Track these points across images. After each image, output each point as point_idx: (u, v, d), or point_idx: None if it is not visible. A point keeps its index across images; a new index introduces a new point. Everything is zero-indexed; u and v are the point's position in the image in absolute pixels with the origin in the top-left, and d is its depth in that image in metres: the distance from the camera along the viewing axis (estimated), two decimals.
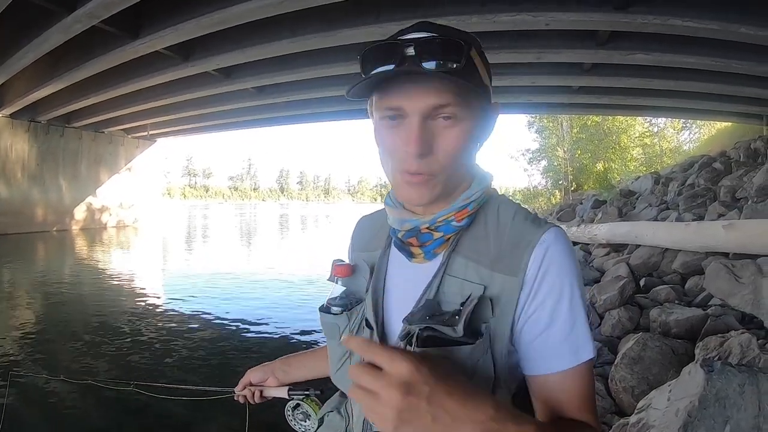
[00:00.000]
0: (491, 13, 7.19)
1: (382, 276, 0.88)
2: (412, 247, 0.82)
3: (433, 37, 0.72)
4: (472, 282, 0.76)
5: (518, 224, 0.78)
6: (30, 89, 13.23)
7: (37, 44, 9.27)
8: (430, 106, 0.72)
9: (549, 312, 0.73)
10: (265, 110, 16.28)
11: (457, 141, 0.74)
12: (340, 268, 0.91)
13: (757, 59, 8.04)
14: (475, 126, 0.77)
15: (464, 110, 0.73)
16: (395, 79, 0.72)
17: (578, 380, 0.74)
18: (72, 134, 20.24)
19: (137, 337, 6.04)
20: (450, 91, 0.72)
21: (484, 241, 0.79)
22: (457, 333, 0.70)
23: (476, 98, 0.75)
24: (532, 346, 0.75)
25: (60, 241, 18.34)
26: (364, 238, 0.98)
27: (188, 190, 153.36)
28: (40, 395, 4.12)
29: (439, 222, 0.79)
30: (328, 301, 0.91)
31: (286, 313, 7.45)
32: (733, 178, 8.42)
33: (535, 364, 0.75)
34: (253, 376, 1.21)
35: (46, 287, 9.28)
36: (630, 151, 22.85)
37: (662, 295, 4.70)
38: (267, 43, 9.06)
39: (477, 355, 0.71)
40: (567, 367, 0.73)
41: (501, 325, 0.74)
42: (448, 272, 0.78)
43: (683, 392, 2.08)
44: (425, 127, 0.73)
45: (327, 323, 0.90)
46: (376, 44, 0.75)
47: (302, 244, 21.35)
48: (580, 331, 0.74)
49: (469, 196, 0.80)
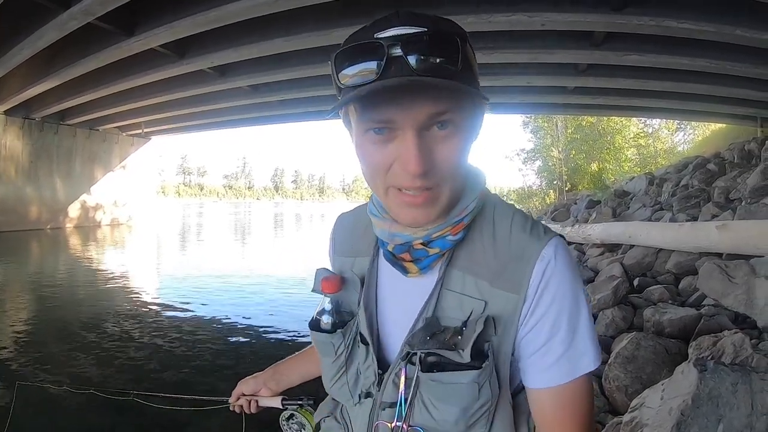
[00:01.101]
0: (487, 12, 7.21)
1: (374, 288, 0.84)
2: (405, 262, 0.77)
3: (421, 33, 0.61)
4: (471, 297, 0.73)
5: (517, 236, 0.74)
6: (25, 86, 13.16)
7: (32, 41, 9.23)
8: (426, 117, 0.63)
9: (549, 327, 0.71)
10: (260, 108, 16.25)
11: (457, 150, 0.67)
12: (327, 284, 0.83)
13: (751, 61, 8.09)
14: (471, 129, 0.70)
15: (460, 114, 0.66)
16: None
17: (573, 396, 0.72)
18: (66, 132, 20.13)
19: (133, 340, 6.00)
20: (448, 98, 0.63)
21: (480, 253, 0.75)
22: (464, 359, 0.69)
23: (471, 100, 0.69)
24: (531, 361, 0.73)
25: (54, 239, 18.24)
26: (347, 240, 0.92)
27: (183, 189, 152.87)
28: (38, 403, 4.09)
29: (433, 238, 0.74)
30: (317, 314, 0.85)
31: (283, 313, 7.42)
32: (727, 179, 8.46)
33: (532, 378, 0.74)
34: (245, 388, 1.18)
35: (41, 286, 9.23)
36: (624, 152, 22.93)
37: (656, 295, 4.72)
38: (261, 42, 9.05)
39: (484, 378, 0.70)
40: (562, 382, 0.71)
41: (504, 343, 0.73)
42: (446, 287, 0.75)
43: (676, 391, 2.09)
44: (422, 141, 0.64)
45: (320, 342, 0.84)
46: (352, 44, 0.64)
47: (298, 243, 21.35)
48: (580, 344, 0.71)
49: (465, 206, 0.75)
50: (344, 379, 0.83)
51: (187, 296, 8.40)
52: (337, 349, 0.82)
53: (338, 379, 0.83)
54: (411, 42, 0.61)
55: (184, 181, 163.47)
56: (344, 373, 0.83)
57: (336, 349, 0.82)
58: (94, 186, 22.47)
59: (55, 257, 13.89)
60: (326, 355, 0.84)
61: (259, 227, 31.27)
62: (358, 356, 0.81)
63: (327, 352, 0.84)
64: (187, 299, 8.15)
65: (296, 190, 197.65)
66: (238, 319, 7.00)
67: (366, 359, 0.80)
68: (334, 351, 0.82)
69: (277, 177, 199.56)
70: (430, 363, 0.71)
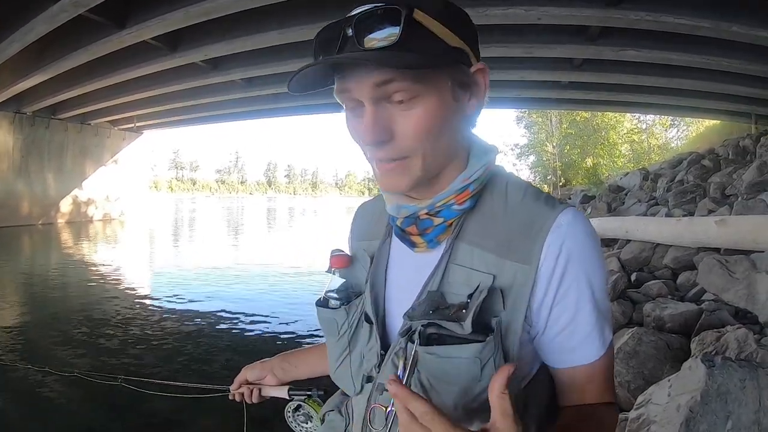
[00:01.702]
0: (483, 6, 7.14)
1: (383, 267, 0.82)
2: (412, 236, 0.75)
3: (373, 9, 0.64)
4: (479, 271, 0.69)
5: (529, 204, 0.71)
6: (15, 80, 12.99)
7: (22, 34, 9.07)
8: (374, 89, 0.65)
9: (573, 305, 0.69)
10: (253, 102, 16.16)
11: (420, 122, 0.66)
12: (336, 259, 0.85)
13: (747, 58, 8.11)
14: (445, 99, 0.68)
15: (422, 85, 0.65)
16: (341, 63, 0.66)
17: (603, 367, 0.73)
18: (57, 126, 19.93)
19: (126, 333, 5.95)
20: (391, 68, 0.64)
21: (491, 224, 0.72)
22: (465, 330, 0.64)
23: (438, 67, 0.66)
24: (557, 341, 0.71)
25: (45, 234, 18.12)
26: (364, 226, 0.92)
27: (175, 183, 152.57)
28: (26, 388, 4.05)
29: (438, 206, 0.72)
30: (326, 293, 0.85)
31: (279, 307, 7.38)
32: (723, 175, 8.50)
33: (560, 357, 0.72)
34: (250, 374, 1.14)
35: (32, 281, 9.14)
36: (618, 147, 23.05)
37: (654, 290, 4.70)
38: (255, 34, 8.96)
39: (487, 354, 0.64)
40: (595, 358, 0.71)
41: (513, 319, 0.68)
42: (453, 261, 0.72)
43: (684, 387, 2.07)
44: (380, 112, 0.67)
45: (324, 318, 0.84)
46: (325, 26, 0.68)
47: (292, 236, 21.31)
48: (605, 319, 0.71)
49: (469, 175, 0.73)
50: (348, 361, 0.81)
51: (180, 290, 8.33)
52: (340, 327, 0.81)
53: (342, 361, 0.82)
54: (360, 20, 0.64)
55: (177, 175, 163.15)
56: (348, 355, 0.81)
57: (339, 327, 0.82)
58: (86, 181, 22.29)
59: (47, 253, 13.78)
60: (330, 334, 0.84)
61: (252, 222, 31.20)
62: (362, 336, 0.79)
63: (331, 331, 0.83)
64: (181, 293, 8.09)
65: (289, 185, 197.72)
66: (233, 311, 6.97)
67: (369, 339, 0.78)
68: (338, 329, 0.82)
69: (270, 172, 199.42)
70: (429, 336, 0.66)
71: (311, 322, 6.40)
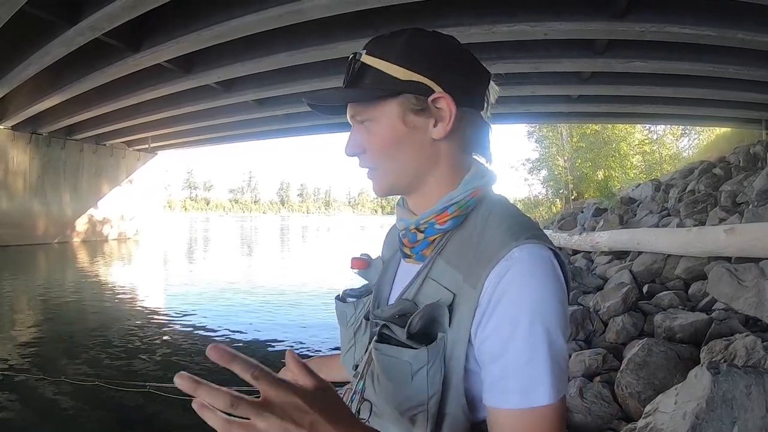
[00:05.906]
0: (489, 23, 7.23)
1: (392, 273, 0.92)
2: (405, 247, 0.83)
3: (351, 55, 0.81)
4: (446, 288, 0.73)
5: (497, 233, 0.72)
6: (32, 102, 13.27)
7: (39, 57, 9.32)
8: (350, 116, 0.82)
9: (502, 342, 0.66)
10: (266, 122, 16.33)
11: (375, 139, 0.79)
12: (356, 261, 1.01)
13: (754, 64, 8.08)
14: (394, 123, 0.77)
15: (373, 111, 0.78)
16: None
17: (531, 426, 0.64)
18: (73, 146, 20.30)
19: (144, 352, 6.00)
20: (348, 101, 0.81)
21: (467, 246, 0.74)
22: (401, 336, 0.73)
23: (376, 98, 0.78)
24: (488, 371, 0.68)
25: (61, 253, 18.32)
26: (392, 239, 0.99)
27: (189, 203, 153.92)
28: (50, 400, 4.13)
29: (422, 223, 0.79)
30: (345, 291, 0.99)
31: (294, 327, 7.45)
32: (734, 183, 8.44)
33: (486, 392, 0.68)
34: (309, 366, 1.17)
35: (48, 300, 9.24)
36: (630, 159, 22.88)
37: (666, 301, 4.69)
38: (266, 56, 9.10)
39: (420, 363, 0.69)
40: (514, 407, 0.64)
41: (457, 339, 0.70)
42: (430, 275, 0.77)
43: (690, 395, 2.08)
44: (357, 131, 0.82)
45: (339, 310, 0.97)
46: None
47: (306, 256, 21.37)
48: (535, 372, 0.64)
49: (452, 197, 0.77)
50: (352, 351, 0.93)
51: (196, 310, 8.42)
52: (349, 319, 0.95)
53: (348, 350, 0.94)
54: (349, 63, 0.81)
55: (191, 195, 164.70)
56: (353, 346, 0.93)
57: (349, 318, 0.95)
58: (101, 200, 22.59)
59: (63, 271, 13.91)
60: (342, 324, 0.97)
61: (265, 240, 31.30)
62: (363, 330, 0.91)
63: (342, 321, 0.97)
64: (197, 313, 8.17)
65: (302, 204, 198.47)
66: (249, 331, 7.05)
67: (365, 333, 0.89)
68: (347, 320, 0.95)
69: (283, 191, 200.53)
70: (382, 335, 0.76)
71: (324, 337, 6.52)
